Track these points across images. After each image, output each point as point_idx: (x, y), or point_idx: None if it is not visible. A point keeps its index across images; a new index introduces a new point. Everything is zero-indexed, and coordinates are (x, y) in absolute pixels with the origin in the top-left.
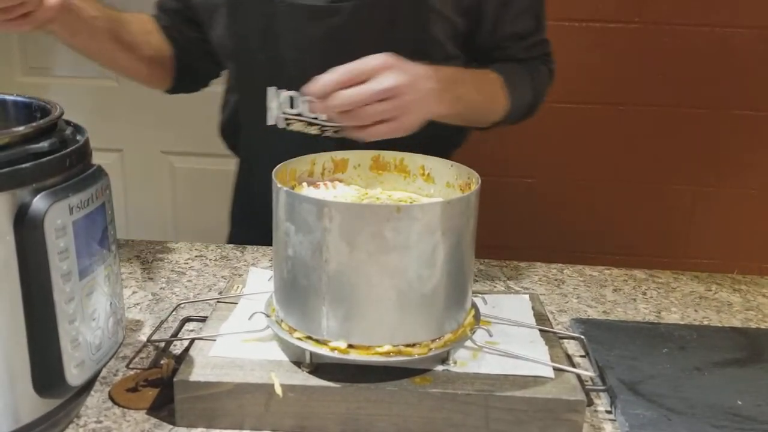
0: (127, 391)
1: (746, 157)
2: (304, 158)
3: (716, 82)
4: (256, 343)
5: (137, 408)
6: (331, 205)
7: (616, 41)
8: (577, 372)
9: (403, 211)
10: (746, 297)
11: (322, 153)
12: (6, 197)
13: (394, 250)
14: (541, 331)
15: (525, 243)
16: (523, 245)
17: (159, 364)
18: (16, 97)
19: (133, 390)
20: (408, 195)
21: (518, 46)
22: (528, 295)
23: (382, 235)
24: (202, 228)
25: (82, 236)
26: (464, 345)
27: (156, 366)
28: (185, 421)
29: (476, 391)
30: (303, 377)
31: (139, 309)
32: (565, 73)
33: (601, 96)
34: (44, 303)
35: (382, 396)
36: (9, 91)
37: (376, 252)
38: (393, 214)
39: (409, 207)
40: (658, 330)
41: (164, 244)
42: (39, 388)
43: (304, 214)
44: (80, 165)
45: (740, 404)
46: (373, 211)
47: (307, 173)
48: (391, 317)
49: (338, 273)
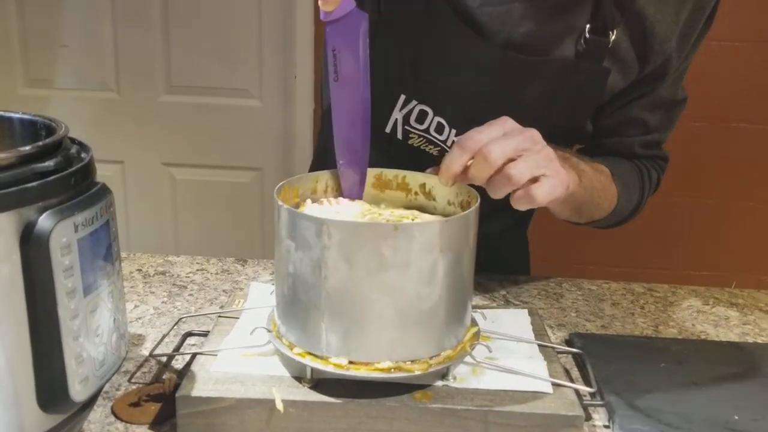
0: (130, 405)
1: (744, 169)
2: (307, 176)
3: (715, 95)
4: (257, 358)
5: (140, 423)
6: (330, 223)
7: None
8: (575, 387)
9: (400, 229)
10: (743, 311)
11: (325, 171)
12: (12, 216)
13: (392, 268)
14: (540, 346)
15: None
16: None
17: (161, 379)
18: (21, 114)
19: (135, 405)
20: (409, 212)
21: (639, 139)
22: (527, 310)
23: (381, 253)
24: (203, 239)
25: (87, 254)
26: (464, 361)
27: (158, 381)
28: None
29: (476, 407)
30: (304, 393)
31: (141, 323)
32: None
33: None
34: (49, 320)
35: (383, 412)
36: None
37: (374, 270)
38: (391, 232)
39: (407, 225)
40: (655, 344)
41: (165, 258)
42: (43, 404)
43: (303, 232)
44: (85, 183)
45: (737, 419)
46: (372, 229)
47: (311, 191)
48: (391, 334)
49: (337, 290)
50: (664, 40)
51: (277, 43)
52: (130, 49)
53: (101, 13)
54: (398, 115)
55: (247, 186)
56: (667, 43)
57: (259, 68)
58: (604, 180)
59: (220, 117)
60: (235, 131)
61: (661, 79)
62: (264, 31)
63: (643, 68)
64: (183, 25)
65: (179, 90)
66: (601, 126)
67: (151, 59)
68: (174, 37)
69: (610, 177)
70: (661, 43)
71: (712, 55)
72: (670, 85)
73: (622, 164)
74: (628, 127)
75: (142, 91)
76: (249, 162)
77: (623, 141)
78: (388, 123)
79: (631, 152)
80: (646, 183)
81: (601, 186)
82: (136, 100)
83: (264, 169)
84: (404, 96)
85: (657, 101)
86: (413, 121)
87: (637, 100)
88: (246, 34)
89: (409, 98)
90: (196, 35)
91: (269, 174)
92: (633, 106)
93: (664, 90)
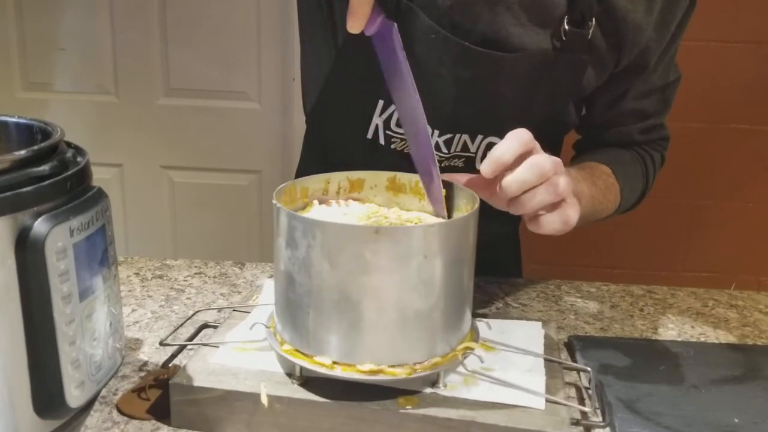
0: (133, 392)
1: (744, 170)
2: (318, 177)
3: (714, 97)
4: (255, 353)
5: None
6: (314, 223)
7: None
8: (569, 405)
9: (381, 233)
10: (743, 313)
11: (338, 172)
12: (7, 221)
13: (374, 271)
14: (547, 360)
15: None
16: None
17: (167, 367)
18: (17, 118)
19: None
20: (416, 216)
21: (638, 126)
22: (541, 323)
23: (362, 256)
24: (201, 242)
25: (83, 258)
26: (454, 370)
27: (165, 367)
28: (179, 422)
29: (458, 417)
30: (291, 390)
31: (138, 327)
32: None
33: None
34: (45, 325)
35: (365, 414)
36: (9, 107)
37: (356, 272)
38: (372, 235)
39: (389, 229)
40: (655, 347)
41: (163, 262)
42: (39, 410)
43: (292, 231)
44: (81, 187)
45: (737, 422)
46: (353, 231)
47: (321, 191)
48: (373, 337)
49: (320, 290)
50: (637, 31)
51: (276, 45)
52: (129, 52)
53: (99, 16)
54: (378, 120)
55: (245, 189)
56: (640, 33)
57: (257, 71)
58: (607, 180)
59: (218, 120)
60: (233, 134)
61: (643, 70)
62: (262, 34)
63: (619, 60)
64: (181, 28)
65: (178, 93)
66: (597, 121)
67: (150, 62)
68: (172, 40)
69: (612, 175)
70: (634, 34)
71: (713, 56)
72: (661, 71)
73: (623, 157)
74: (624, 118)
75: (140, 95)
76: (247, 165)
77: (622, 131)
78: (370, 129)
79: (631, 140)
80: (649, 168)
81: (602, 195)
82: (135, 104)
83: (263, 171)
84: (382, 101)
85: (649, 89)
86: (394, 125)
87: (628, 93)
88: (244, 36)
89: (387, 103)
90: (194, 38)
91: (268, 177)
92: (626, 99)
93: (654, 77)
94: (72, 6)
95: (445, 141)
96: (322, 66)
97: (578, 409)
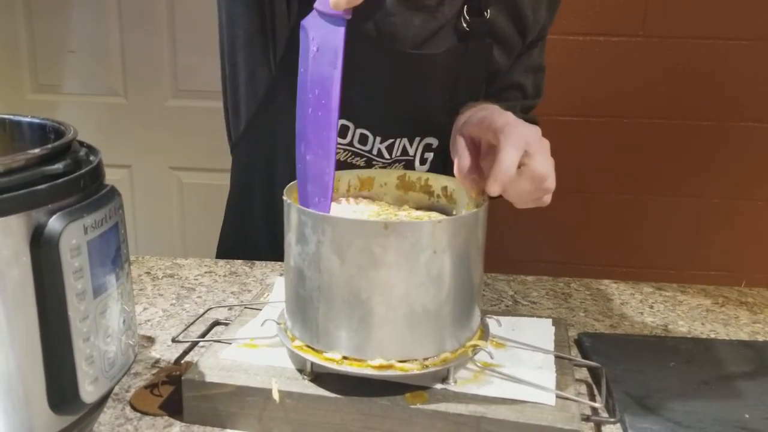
0: (146, 388)
1: (753, 168)
2: None
3: (721, 94)
4: (266, 349)
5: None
6: (323, 218)
7: (620, 55)
8: (579, 401)
9: (390, 228)
10: (753, 310)
11: (349, 170)
12: (22, 218)
13: (383, 266)
14: (557, 357)
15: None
16: (530, 258)
17: (179, 363)
18: (31, 118)
19: (153, 387)
20: (426, 213)
21: (521, 104)
22: (551, 320)
23: (371, 251)
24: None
25: (96, 256)
26: (464, 365)
27: (177, 364)
28: (191, 418)
29: (469, 412)
30: (302, 385)
31: (150, 325)
32: (571, 86)
33: (607, 109)
34: (59, 321)
35: (375, 410)
36: (19, 108)
37: (365, 267)
38: (381, 230)
39: (398, 224)
40: (665, 343)
41: (174, 261)
42: (54, 405)
43: (301, 227)
44: (94, 185)
45: (747, 417)
46: (362, 226)
47: None
48: (382, 332)
49: (330, 285)
50: (536, 10)
51: None
52: (137, 53)
53: (108, 18)
54: None
55: None
56: (539, 12)
57: None
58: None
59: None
60: None
61: (537, 41)
62: None
63: (525, 40)
64: (189, 30)
65: (186, 94)
66: (488, 93)
67: (158, 64)
68: (180, 41)
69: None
70: (534, 13)
71: (720, 54)
72: (539, 50)
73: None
74: (510, 92)
75: (149, 96)
76: None
77: (508, 106)
78: None
79: None
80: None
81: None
82: (143, 105)
83: None
84: None
85: (530, 65)
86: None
87: (517, 64)
88: None
89: None
90: (202, 39)
91: None
92: (513, 70)
93: (535, 54)
94: (81, 8)
95: (387, 147)
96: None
97: (588, 405)
